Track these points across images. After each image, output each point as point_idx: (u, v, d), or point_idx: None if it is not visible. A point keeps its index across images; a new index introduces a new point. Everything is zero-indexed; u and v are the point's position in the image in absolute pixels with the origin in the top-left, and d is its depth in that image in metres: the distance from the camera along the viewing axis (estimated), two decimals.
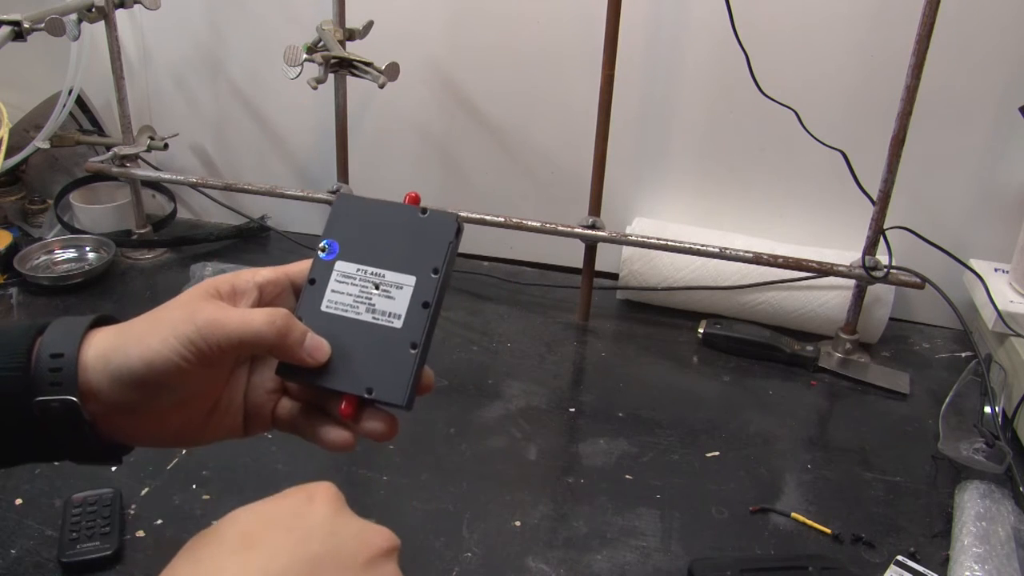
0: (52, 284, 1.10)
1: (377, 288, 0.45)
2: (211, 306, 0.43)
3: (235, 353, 0.44)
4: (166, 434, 0.47)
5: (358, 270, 0.45)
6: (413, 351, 0.44)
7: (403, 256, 0.45)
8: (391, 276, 0.45)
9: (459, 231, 0.46)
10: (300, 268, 0.48)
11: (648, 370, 0.99)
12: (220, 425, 0.48)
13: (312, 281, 0.46)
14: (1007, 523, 0.72)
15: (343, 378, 0.44)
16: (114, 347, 0.43)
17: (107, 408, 0.43)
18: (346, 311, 0.45)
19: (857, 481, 0.81)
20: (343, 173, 1.13)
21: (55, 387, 0.42)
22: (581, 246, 1.05)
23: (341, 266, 0.46)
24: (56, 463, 0.48)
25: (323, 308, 0.45)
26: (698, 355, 1.02)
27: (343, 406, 0.44)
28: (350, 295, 0.45)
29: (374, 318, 0.44)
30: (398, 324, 0.44)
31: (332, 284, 0.45)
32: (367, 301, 0.45)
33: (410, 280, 0.45)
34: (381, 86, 0.95)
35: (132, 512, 0.72)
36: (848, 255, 1.00)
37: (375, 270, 0.45)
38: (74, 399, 0.42)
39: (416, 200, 0.47)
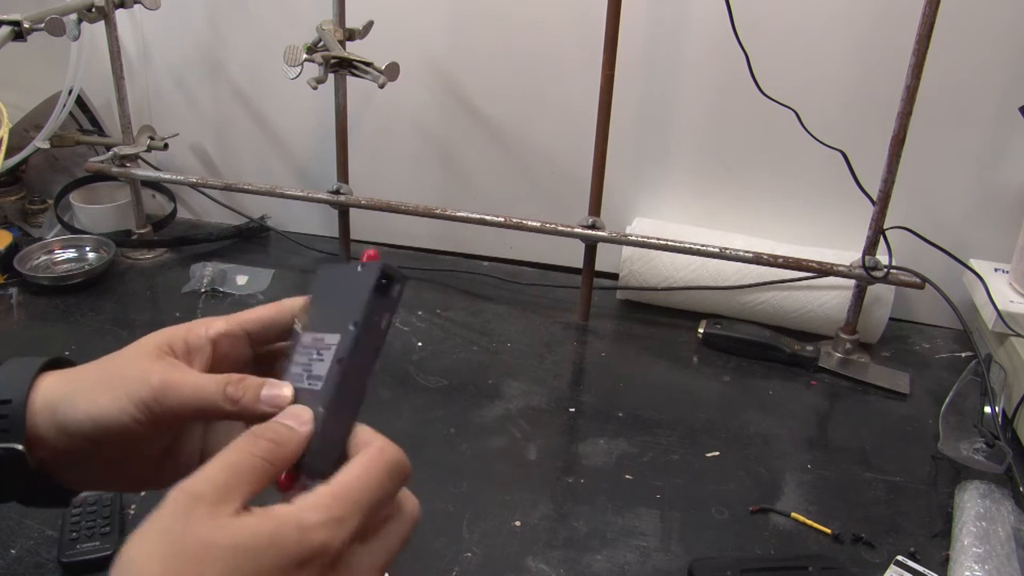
0: (52, 284, 1.10)
1: (318, 353, 0.43)
2: (164, 366, 0.42)
3: (190, 418, 0.43)
4: (115, 481, 0.46)
5: (312, 339, 0.44)
6: (320, 411, 0.40)
7: (335, 315, 0.43)
8: (327, 338, 0.43)
9: (383, 278, 0.41)
10: (254, 316, 0.46)
11: (648, 370, 0.99)
12: (174, 471, 0.46)
13: (287, 356, 0.45)
14: (1007, 523, 0.72)
15: None
16: (63, 396, 0.42)
17: (54, 455, 0.42)
18: (299, 382, 0.43)
19: (857, 481, 0.81)
20: (343, 173, 1.13)
21: (3, 434, 0.41)
22: (581, 246, 1.05)
23: (303, 338, 0.44)
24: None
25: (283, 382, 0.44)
26: (698, 355, 1.02)
27: (282, 478, 0.40)
28: (300, 364, 0.43)
29: (309, 384, 0.42)
30: (319, 386, 0.41)
31: (294, 357, 0.44)
32: (308, 368, 0.43)
33: (335, 338, 0.42)
34: (381, 86, 0.95)
35: (132, 512, 0.72)
36: (848, 255, 1.00)
37: (318, 335, 0.43)
38: (19, 447, 0.41)
39: (373, 258, 0.44)
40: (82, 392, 0.42)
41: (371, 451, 0.38)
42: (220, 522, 0.34)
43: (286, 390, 0.42)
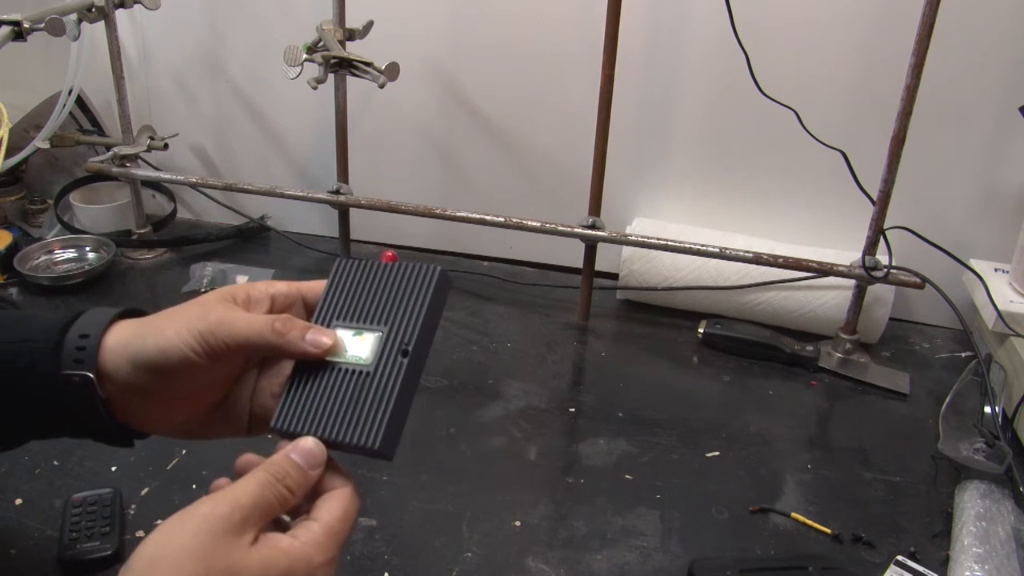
0: (52, 284, 1.09)
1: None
2: (223, 308, 0.48)
3: (241, 352, 0.47)
4: (174, 422, 0.51)
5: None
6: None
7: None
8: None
9: (442, 281, 0.48)
10: (311, 286, 0.52)
11: (648, 370, 0.99)
12: (225, 422, 0.52)
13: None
14: (1007, 523, 0.72)
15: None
16: (134, 334, 0.48)
17: (122, 389, 0.48)
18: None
19: (857, 481, 0.81)
20: (343, 173, 1.13)
21: (78, 364, 0.47)
22: (581, 246, 1.05)
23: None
24: (56, 463, 0.50)
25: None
26: (698, 355, 1.02)
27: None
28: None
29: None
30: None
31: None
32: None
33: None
34: (381, 86, 0.95)
35: (132, 512, 0.72)
36: (848, 255, 1.00)
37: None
38: (91, 375, 0.47)
39: (392, 259, 0.51)
40: (151, 331, 0.48)
41: (348, 496, 0.45)
42: (244, 550, 0.39)
43: (328, 338, 0.47)
